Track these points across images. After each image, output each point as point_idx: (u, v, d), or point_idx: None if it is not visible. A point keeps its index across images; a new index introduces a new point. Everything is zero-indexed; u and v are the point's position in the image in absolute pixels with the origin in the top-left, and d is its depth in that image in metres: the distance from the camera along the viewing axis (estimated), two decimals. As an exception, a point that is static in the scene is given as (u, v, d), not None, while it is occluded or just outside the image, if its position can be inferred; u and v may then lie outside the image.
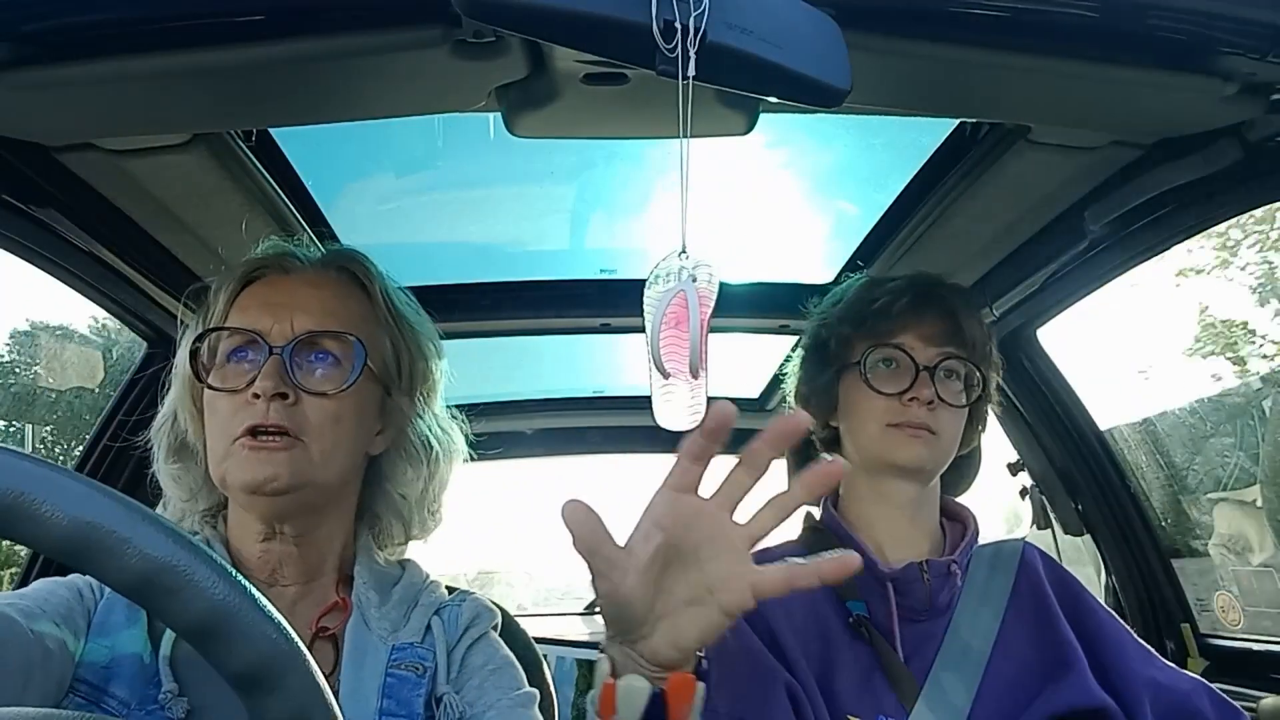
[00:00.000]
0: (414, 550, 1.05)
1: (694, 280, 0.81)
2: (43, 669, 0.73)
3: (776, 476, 1.52)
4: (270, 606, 0.48)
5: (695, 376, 0.83)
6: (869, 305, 1.15)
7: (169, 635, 0.81)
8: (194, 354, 0.90)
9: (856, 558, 0.65)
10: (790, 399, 1.29)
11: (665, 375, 0.83)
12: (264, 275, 0.93)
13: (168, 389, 0.96)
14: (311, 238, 1.03)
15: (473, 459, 1.04)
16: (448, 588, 1.02)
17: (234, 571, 0.48)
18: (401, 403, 0.95)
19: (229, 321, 0.90)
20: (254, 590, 0.48)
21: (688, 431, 0.68)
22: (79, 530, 0.44)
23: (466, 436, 1.04)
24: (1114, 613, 1.18)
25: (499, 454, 2.33)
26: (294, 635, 0.49)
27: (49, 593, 0.82)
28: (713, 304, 0.82)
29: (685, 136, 0.73)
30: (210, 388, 0.88)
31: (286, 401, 0.85)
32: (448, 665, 0.91)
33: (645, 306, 0.85)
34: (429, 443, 0.98)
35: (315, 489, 0.87)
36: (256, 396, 0.84)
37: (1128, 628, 1.16)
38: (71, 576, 0.87)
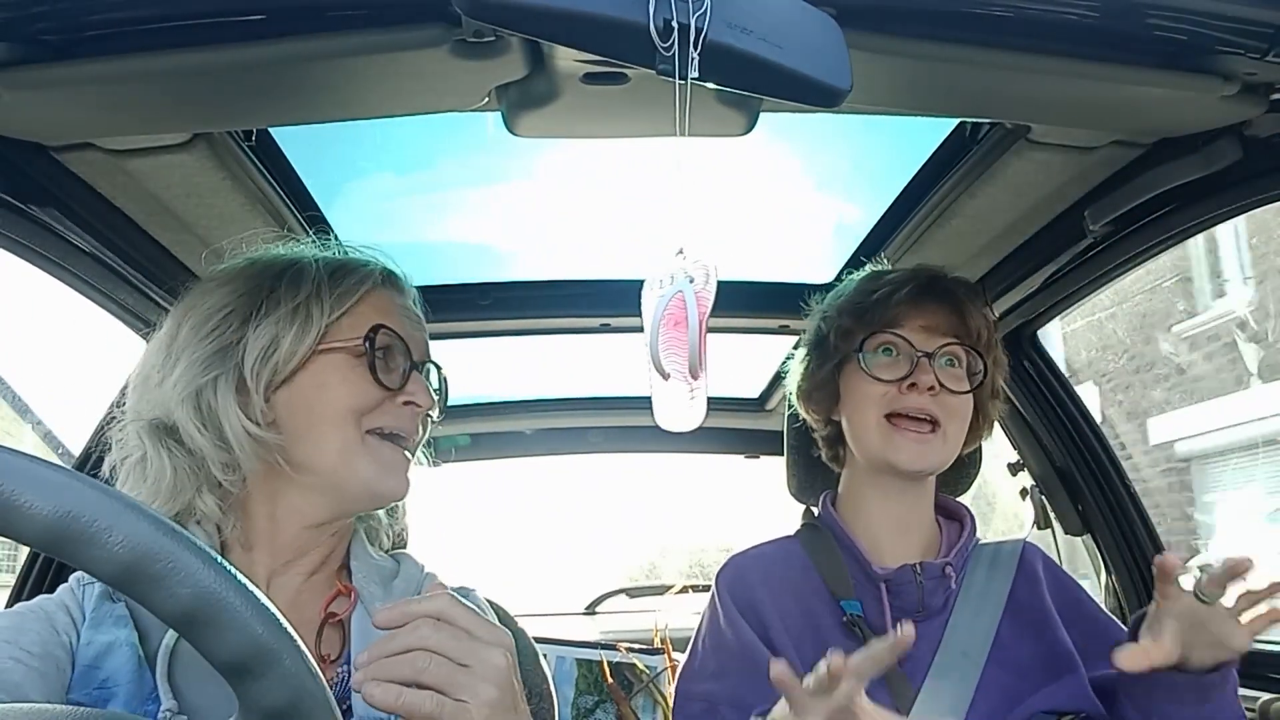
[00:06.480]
0: (418, 551, 1.05)
1: (691, 281, 0.80)
2: None
3: (775, 474, 1.51)
4: (258, 591, 0.47)
5: (695, 377, 0.83)
6: (869, 296, 1.15)
7: (164, 650, 0.80)
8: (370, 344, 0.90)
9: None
10: (792, 397, 1.28)
11: (665, 376, 0.83)
12: (375, 290, 0.95)
13: None
14: (312, 238, 1.03)
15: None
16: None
17: (219, 557, 0.47)
18: None
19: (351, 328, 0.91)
20: (241, 576, 0.47)
21: (689, 432, 0.68)
22: (60, 521, 0.43)
23: (462, 436, 1.04)
24: (1114, 617, 1.18)
25: (499, 454, 2.33)
26: (283, 619, 0.48)
27: (18, 629, 0.79)
28: (711, 303, 0.82)
29: (684, 135, 0.73)
30: (386, 388, 0.90)
31: None
32: None
33: (643, 309, 0.85)
34: None
35: None
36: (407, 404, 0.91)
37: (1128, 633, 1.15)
38: (39, 601, 0.85)
